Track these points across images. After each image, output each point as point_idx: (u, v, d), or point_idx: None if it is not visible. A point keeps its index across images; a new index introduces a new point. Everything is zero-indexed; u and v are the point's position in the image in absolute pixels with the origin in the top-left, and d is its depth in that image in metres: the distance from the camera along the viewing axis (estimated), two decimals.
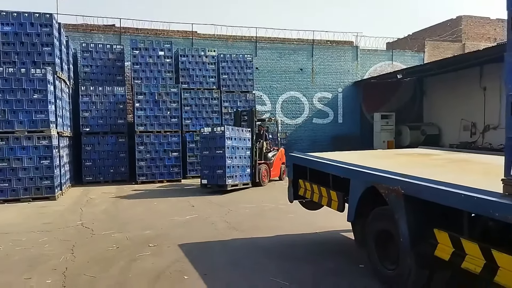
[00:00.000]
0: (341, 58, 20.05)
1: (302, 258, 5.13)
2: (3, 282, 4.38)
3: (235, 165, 10.84)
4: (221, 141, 10.61)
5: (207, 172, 10.88)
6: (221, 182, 10.56)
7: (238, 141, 11.05)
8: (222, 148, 10.56)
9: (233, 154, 10.77)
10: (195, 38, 17.80)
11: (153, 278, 4.45)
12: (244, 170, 11.27)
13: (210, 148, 10.88)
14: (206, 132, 11.11)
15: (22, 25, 10.52)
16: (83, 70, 14.48)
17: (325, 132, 19.55)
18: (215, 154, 10.71)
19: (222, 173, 10.52)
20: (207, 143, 10.99)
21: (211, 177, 10.74)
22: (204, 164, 11.06)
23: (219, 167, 10.59)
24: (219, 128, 10.80)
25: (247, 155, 11.47)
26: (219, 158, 10.60)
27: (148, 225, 7.10)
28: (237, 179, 10.94)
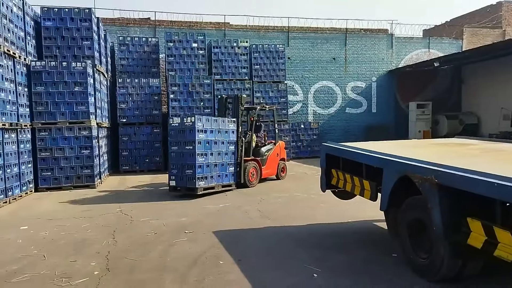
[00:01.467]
0: (375, 47, 19.64)
1: (334, 246, 5.18)
2: (52, 264, 4.68)
3: (211, 163, 8.91)
4: (191, 134, 8.62)
5: (175, 171, 8.90)
6: (190, 184, 8.61)
7: (217, 134, 9.09)
8: (192, 143, 8.60)
9: (208, 150, 8.85)
10: (228, 29, 17.91)
11: (190, 262, 4.63)
12: (225, 169, 9.37)
13: (179, 142, 8.87)
14: (175, 124, 9.02)
15: (63, 20, 10.96)
16: (120, 63, 14.92)
17: (358, 122, 19.30)
18: (184, 150, 8.75)
19: (192, 174, 8.58)
20: (176, 137, 8.99)
21: (180, 178, 8.80)
22: (173, 162, 9.02)
23: (189, 166, 8.66)
24: (189, 119, 8.75)
25: (232, 150, 9.60)
26: (189, 156, 8.67)
27: (183, 212, 7.34)
28: (214, 180, 9.00)
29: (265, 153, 10.83)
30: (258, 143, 11.06)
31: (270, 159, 10.89)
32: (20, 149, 9.18)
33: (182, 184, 8.79)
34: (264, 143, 11.33)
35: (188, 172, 8.67)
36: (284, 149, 11.87)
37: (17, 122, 9.10)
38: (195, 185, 8.55)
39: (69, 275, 4.28)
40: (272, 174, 11.13)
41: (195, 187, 8.55)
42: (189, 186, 8.66)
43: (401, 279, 4.07)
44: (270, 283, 4.00)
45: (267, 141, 11.51)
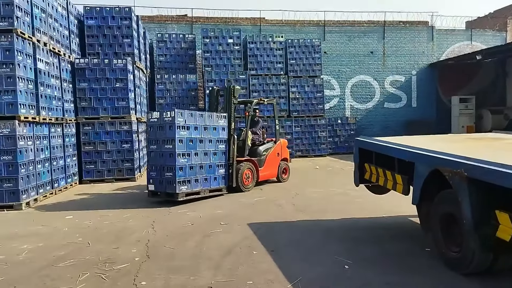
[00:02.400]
0: (415, 39, 19.07)
1: (367, 240, 5.16)
2: (95, 250, 4.95)
3: (195, 165, 7.70)
4: (170, 132, 7.44)
5: (154, 174, 7.72)
6: (170, 189, 7.43)
7: (203, 131, 7.91)
8: (172, 141, 7.43)
9: (192, 150, 7.65)
10: (263, 24, 17.96)
11: (225, 251, 4.76)
12: (214, 171, 8.15)
13: (158, 141, 7.69)
14: (154, 119, 7.84)
15: (105, 19, 11.40)
16: (158, 59, 15.35)
17: (397, 117, 18.84)
18: (163, 150, 7.56)
19: (172, 177, 7.40)
20: (155, 134, 7.79)
21: (159, 181, 7.63)
22: (151, 163, 7.88)
23: (168, 168, 7.48)
24: (169, 113, 7.61)
25: (222, 150, 8.38)
26: (168, 156, 7.49)
27: (219, 205, 7.50)
28: (199, 184, 7.80)
29: (263, 153, 9.56)
30: (256, 141, 9.72)
31: (269, 160, 9.65)
32: (65, 143, 9.68)
33: (161, 189, 7.59)
34: (262, 142, 9.93)
35: (167, 175, 7.46)
36: (286, 148, 10.61)
37: (63, 117, 9.59)
38: (175, 190, 7.33)
39: (112, 261, 4.52)
40: (271, 176, 9.89)
41: (175, 192, 7.33)
42: (168, 191, 7.47)
43: (433, 272, 4.04)
44: (302, 273, 4.04)
45: (266, 139, 10.09)
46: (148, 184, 7.81)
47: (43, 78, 8.48)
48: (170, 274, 4.12)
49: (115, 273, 4.17)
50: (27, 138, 7.84)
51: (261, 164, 9.37)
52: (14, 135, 7.41)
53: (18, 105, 7.49)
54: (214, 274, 4.10)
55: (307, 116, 15.82)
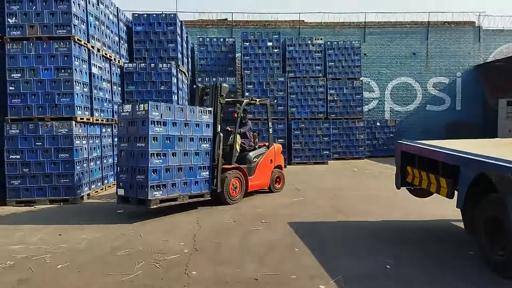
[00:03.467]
0: (461, 40, 18.55)
1: (409, 241, 5.20)
2: (147, 242, 5.31)
3: (172, 167, 6.67)
4: (143, 128, 6.43)
5: (124, 177, 6.70)
6: (142, 194, 6.40)
7: (184, 128, 6.87)
8: (144, 139, 6.41)
9: (169, 149, 6.62)
10: (302, 27, 18.10)
11: (267, 248, 4.97)
12: (196, 174, 7.08)
13: (130, 138, 6.67)
14: (125, 113, 6.77)
15: (151, 25, 11.97)
16: (199, 63, 15.85)
17: (440, 120, 18.39)
18: (135, 149, 6.52)
19: (144, 181, 6.38)
20: (126, 130, 6.77)
21: (130, 185, 6.59)
22: (121, 164, 6.87)
23: (140, 170, 6.45)
24: (142, 106, 6.54)
25: (206, 149, 7.31)
26: (140, 156, 6.45)
27: (259, 204, 7.73)
28: (177, 189, 6.76)
29: (253, 159, 8.49)
30: (245, 146, 8.61)
31: (260, 167, 8.57)
32: (114, 142, 10.25)
33: (132, 194, 6.55)
34: (253, 147, 8.81)
35: (139, 178, 6.43)
36: (280, 154, 9.52)
37: (112, 118, 10.17)
38: (147, 196, 6.29)
39: (163, 252, 4.85)
40: (263, 186, 8.80)
41: (147, 199, 6.29)
42: (140, 197, 6.44)
43: (477, 275, 4.06)
44: (343, 270, 4.18)
45: (257, 144, 8.97)
46: (118, 188, 6.71)
47: (96, 82, 9.07)
48: (217, 266, 4.39)
49: (167, 263, 4.48)
50: (82, 138, 8.42)
51: (251, 173, 8.30)
52: (71, 135, 7.99)
53: (75, 107, 8.08)
54: (259, 268, 4.32)
55: (345, 118, 15.79)
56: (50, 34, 8.02)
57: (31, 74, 7.98)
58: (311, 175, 11.92)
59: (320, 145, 14.73)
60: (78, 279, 4.12)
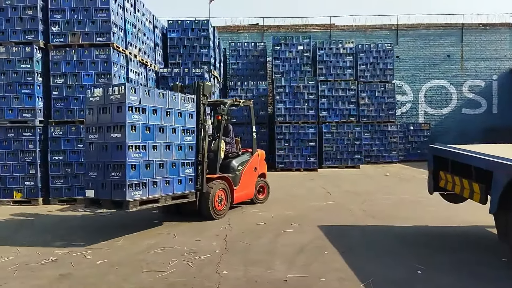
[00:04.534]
0: (496, 42, 17.99)
1: (440, 247, 5.14)
2: (181, 241, 5.50)
3: (154, 162, 5.72)
4: (119, 115, 5.41)
5: (94, 175, 5.65)
6: (117, 195, 5.38)
7: (165, 117, 5.92)
8: (121, 128, 5.39)
9: (149, 141, 5.64)
10: (333, 30, 18.06)
11: (297, 250, 5.05)
12: (179, 172, 6.15)
13: (101, 128, 5.62)
14: (95, 97, 5.72)
15: (185, 31, 12.34)
16: (231, 67, 16.11)
17: (476, 124, 17.86)
18: (109, 140, 5.52)
19: (120, 179, 5.36)
20: (96, 119, 5.70)
21: (102, 185, 5.56)
22: (91, 160, 5.78)
23: (116, 166, 5.43)
24: (116, 89, 5.48)
25: (189, 143, 6.36)
26: (115, 149, 5.44)
27: (289, 207, 7.81)
28: (158, 189, 5.79)
29: (237, 168, 7.51)
30: (229, 152, 7.63)
31: (245, 176, 7.62)
32: None
33: (105, 195, 5.51)
34: (236, 153, 7.79)
35: (114, 176, 5.41)
36: (264, 161, 8.52)
37: None
38: (124, 197, 5.27)
39: (196, 251, 5.02)
40: (247, 197, 7.85)
41: (125, 200, 5.27)
42: (115, 199, 5.40)
43: (509, 282, 3.98)
44: (373, 274, 4.20)
45: (240, 150, 7.96)
46: (86, 189, 5.67)
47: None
48: (248, 266, 4.51)
49: (199, 262, 4.64)
50: None
51: (236, 182, 7.32)
52: None
53: None
54: (288, 269, 4.40)
55: (377, 122, 15.61)
56: (91, 42, 8.44)
57: (73, 79, 8.43)
58: (342, 179, 11.87)
59: (351, 149, 14.63)
60: (116, 274, 4.34)
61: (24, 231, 6.28)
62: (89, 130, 5.81)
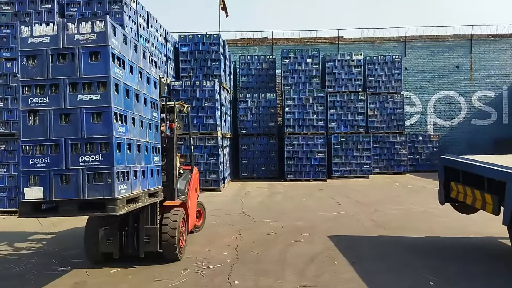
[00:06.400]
0: (506, 53, 17.97)
1: (452, 258, 5.13)
2: (192, 251, 5.56)
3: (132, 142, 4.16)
4: (96, 66, 3.79)
5: (44, 164, 3.75)
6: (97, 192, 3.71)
7: (139, 79, 4.44)
8: (100, 86, 3.79)
9: (128, 110, 4.10)
10: (342, 43, 18.19)
11: (307, 260, 5.09)
12: (150, 159, 4.64)
13: (57, 85, 3.80)
14: (40, 38, 3.80)
15: (196, 45, 12.59)
16: (241, 80, 16.30)
17: (486, 134, 17.75)
18: (75, 106, 3.78)
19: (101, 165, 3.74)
20: (44, 71, 3.80)
21: (62, 179, 3.75)
22: (35, 138, 3.79)
23: (92, 146, 3.78)
24: (89, 25, 3.77)
25: (157, 121, 4.93)
26: (91, 119, 3.77)
27: (299, 217, 7.85)
28: (137, 181, 4.25)
29: (185, 190, 5.90)
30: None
31: (191, 199, 6.08)
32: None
33: (67, 194, 3.74)
34: (180, 171, 6.10)
35: (89, 162, 3.74)
36: (198, 180, 7.03)
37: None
38: (110, 192, 3.71)
39: (207, 261, 5.09)
40: (192, 226, 6.25)
41: (112, 198, 3.71)
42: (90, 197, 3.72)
43: None
44: (384, 285, 4.22)
45: (180, 167, 6.22)
46: (25, 188, 3.73)
47: None
48: (259, 276, 4.56)
49: (211, 272, 4.71)
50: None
51: (187, 209, 5.79)
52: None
53: None
54: (299, 280, 4.44)
55: (386, 133, 15.62)
56: None
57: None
58: (352, 189, 11.88)
59: (360, 160, 14.63)
60: (129, 283, 4.42)
61: None
62: (25, 89, 3.79)
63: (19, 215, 3.84)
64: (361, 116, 15.22)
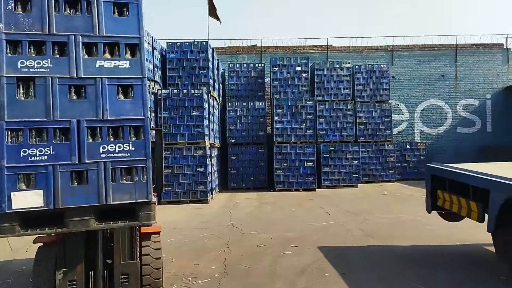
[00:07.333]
0: (489, 62, 18.31)
1: (440, 266, 5.15)
2: (179, 266, 5.48)
3: None
4: (127, 21, 3.13)
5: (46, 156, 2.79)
6: (139, 193, 2.97)
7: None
8: (133, 44, 3.15)
9: None
10: (330, 51, 18.33)
11: (297, 272, 5.04)
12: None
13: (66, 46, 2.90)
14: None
15: (184, 53, 12.51)
16: (230, 88, 16.26)
17: (471, 142, 17.98)
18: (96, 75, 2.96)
19: (137, 155, 2.99)
20: (42, 20, 2.86)
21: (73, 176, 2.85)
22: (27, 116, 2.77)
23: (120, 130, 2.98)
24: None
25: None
26: (113, 90, 2.99)
27: (289, 228, 7.79)
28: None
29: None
30: None
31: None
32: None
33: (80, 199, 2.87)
34: None
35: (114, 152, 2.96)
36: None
37: None
38: (147, 195, 3.03)
39: (195, 276, 5.00)
40: None
41: (149, 203, 3.08)
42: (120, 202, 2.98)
43: None
44: None
45: None
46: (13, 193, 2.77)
47: None
48: None
49: (198, 287, 4.63)
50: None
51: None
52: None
53: None
54: None
55: (374, 141, 15.71)
56: None
57: None
58: (341, 198, 11.87)
59: (349, 168, 14.66)
60: None
61: None
62: (19, 49, 2.83)
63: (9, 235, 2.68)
64: (350, 124, 15.28)
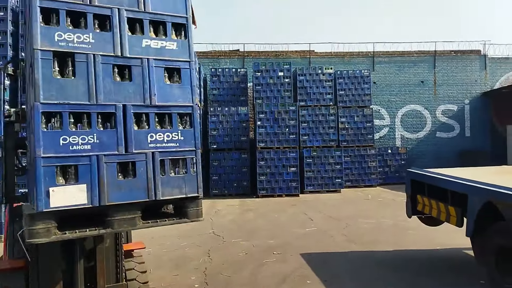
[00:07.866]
0: (467, 68, 18.72)
1: (421, 271, 5.20)
2: (158, 276, 5.35)
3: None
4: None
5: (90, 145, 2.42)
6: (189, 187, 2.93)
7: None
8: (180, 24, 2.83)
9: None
10: (313, 57, 18.44)
11: (279, 280, 4.99)
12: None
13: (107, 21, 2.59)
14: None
15: None
16: (212, 93, 16.18)
17: (450, 147, 18.30)
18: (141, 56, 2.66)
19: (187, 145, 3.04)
20: None
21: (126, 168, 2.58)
22: (65, 98, 2.38)
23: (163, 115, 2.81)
24: None
25: None
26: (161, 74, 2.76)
27: (271, 235, 7.74)
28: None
29: None
30: None
31: None
32: None
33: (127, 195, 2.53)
34: None
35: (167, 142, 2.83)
36: None
37: None
38: (196, 189, 3.07)
39: (174, 287, 4.88)
40: None
41: (198, 197, 3.09)
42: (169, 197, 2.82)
43: None
44: None
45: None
46: (51, 188, 2.29)
47: None
48: None
49: None
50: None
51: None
52: None
53: None
54: None
55: (357, 146, 15.83)
56: None
57: None
58: (324, 204, 11.90)
59: (332, 173, 14.71)
60: None
61: None
62: (55, 20, 2.46)
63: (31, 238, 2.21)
64: (332, 129, 15.37)
